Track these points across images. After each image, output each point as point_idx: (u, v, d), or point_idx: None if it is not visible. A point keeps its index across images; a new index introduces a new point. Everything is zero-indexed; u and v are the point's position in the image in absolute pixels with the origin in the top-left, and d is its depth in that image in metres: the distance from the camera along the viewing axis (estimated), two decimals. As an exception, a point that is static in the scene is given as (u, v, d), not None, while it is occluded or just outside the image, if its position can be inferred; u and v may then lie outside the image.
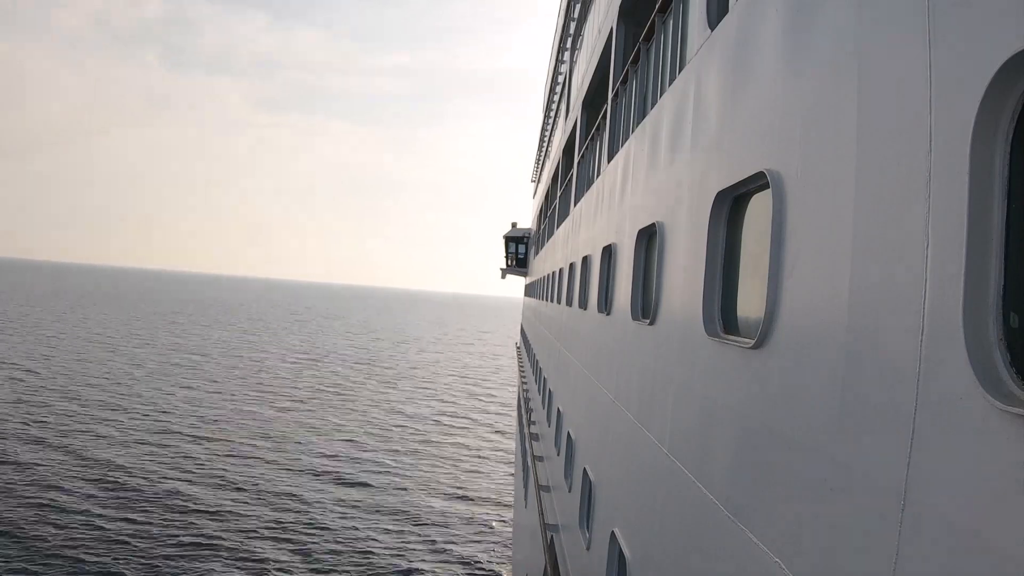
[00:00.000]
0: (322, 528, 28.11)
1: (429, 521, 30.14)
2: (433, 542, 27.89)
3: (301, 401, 54.75)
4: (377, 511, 30.73)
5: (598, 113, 13.72)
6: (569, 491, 11.36)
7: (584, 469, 9.80)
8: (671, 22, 7.34)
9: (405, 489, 34.22)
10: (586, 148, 15.38)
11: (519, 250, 46.66)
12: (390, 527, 28.94)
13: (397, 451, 41.54)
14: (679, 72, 6.44)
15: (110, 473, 32.29)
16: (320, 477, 34.93)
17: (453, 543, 28.00)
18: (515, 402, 47.07)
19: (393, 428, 47.87)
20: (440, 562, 26.22)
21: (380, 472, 36.75)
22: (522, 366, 35.07)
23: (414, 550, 26.94)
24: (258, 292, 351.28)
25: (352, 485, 34.11)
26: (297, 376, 67.74)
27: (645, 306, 7.33)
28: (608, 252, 9.88)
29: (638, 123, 8.46)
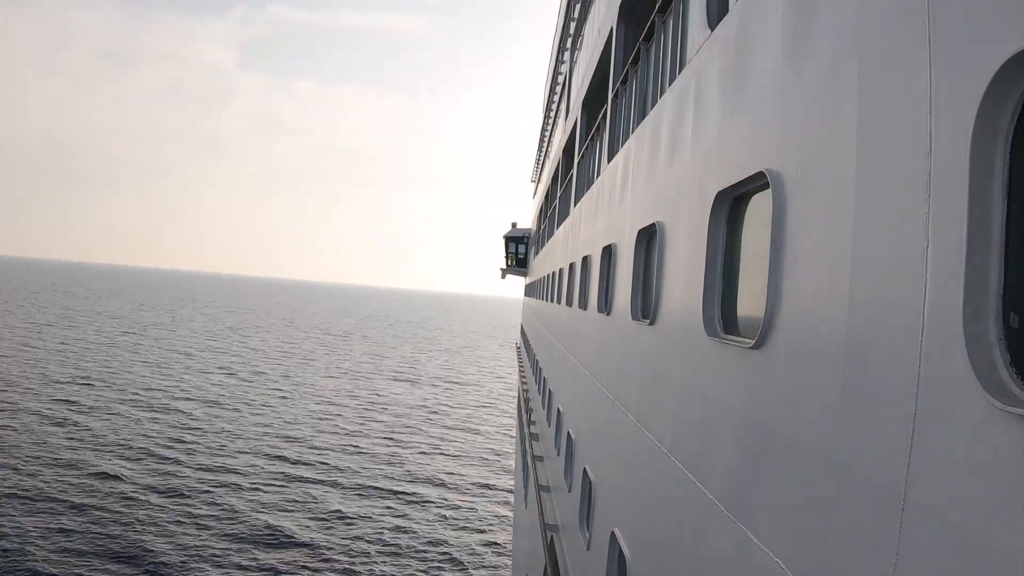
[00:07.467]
0: (318, 527, 28.12)
1: (428, 520, 30.13)
2: (432, 542, 27.88)
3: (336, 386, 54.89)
4: (375, 509, 30.72)
5: (598, 113, 13.72)
6: (569, 491, 11.37)
7: (584, 469, 9.80)
8: (671, 22, 7.34)
9: (404, 487, 34.22)
10: (586, 148, 15.38)
11: (519, 250, 46.67)
12: (388, 525, 28.93)
13: (396, 448, 41.55)
14: (679, 72, 6.44)
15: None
16: (314, 473, 34.97)
17: (452, 542, 28.00)
18: (515, 402, 47.07)
19: (391, 426, 47.89)
20: (439, 562, 26.21)
21: (377, 470, 36.74)
22: (522, 366, 35.08)
23: (413, 549, 26.93)
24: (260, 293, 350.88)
25: (347, 482, 34.12)
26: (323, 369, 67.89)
27: (645, 306, 7.33)
28: (608, 252, 9.88)
29: (638, 123, 8.46)
